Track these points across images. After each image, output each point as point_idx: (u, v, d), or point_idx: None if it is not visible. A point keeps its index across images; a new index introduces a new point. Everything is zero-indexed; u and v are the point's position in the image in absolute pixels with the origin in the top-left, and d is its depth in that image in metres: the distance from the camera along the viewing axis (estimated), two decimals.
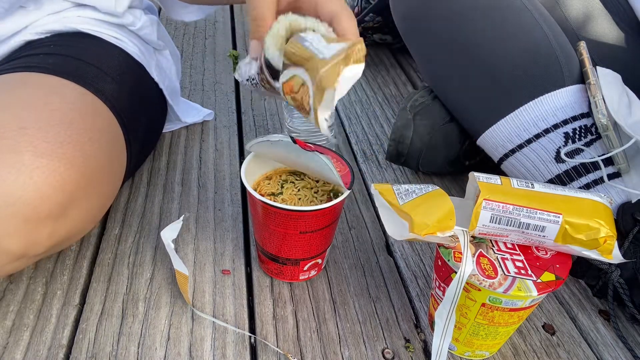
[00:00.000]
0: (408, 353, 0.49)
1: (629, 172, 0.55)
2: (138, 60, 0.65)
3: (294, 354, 0.48)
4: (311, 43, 0.36)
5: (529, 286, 0.40)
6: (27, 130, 0.44)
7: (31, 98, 0.48)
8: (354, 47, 0.35)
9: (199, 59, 1.04)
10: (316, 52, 0.35)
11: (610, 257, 0.42)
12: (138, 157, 0.66)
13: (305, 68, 0.36)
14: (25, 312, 0.51)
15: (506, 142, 0.60)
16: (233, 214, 0.64)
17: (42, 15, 0.60)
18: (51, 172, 0.44)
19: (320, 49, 0.36)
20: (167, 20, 1.22)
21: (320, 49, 0.35)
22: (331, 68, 0.34)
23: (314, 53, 0.35)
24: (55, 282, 0.54)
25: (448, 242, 0.42)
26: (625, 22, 0.68)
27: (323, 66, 0.34)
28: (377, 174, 0.74)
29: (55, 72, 0.53)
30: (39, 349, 0.47)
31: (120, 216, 0.63)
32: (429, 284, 0.57)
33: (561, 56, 0.58)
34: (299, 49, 0.36)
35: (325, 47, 0.36)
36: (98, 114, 0.53)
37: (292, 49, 0.37)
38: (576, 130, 0.56)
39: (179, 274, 0.53)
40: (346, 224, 0.64)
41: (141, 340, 0.49)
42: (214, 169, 0.72)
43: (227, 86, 0.94)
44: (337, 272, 0.57)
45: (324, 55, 0.35)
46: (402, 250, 0.61)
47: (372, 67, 1.02)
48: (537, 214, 0.41)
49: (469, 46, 0.60)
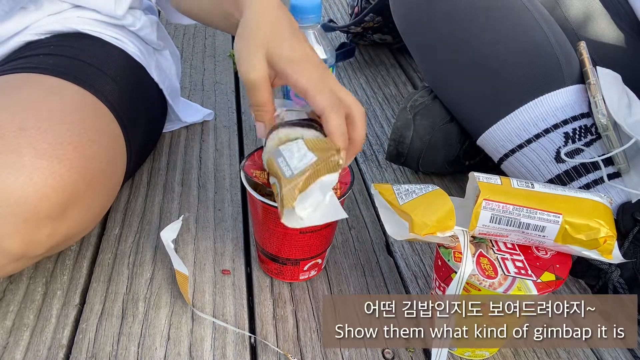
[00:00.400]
0: (408, 353, 0.49)
1: (629, 172, 0.55)
2: (138, 60, 0.65)
3: (294, 354, 0.48)
4: (284, 159, 0.41)
5: (529, 286, 0.40)
6: (27, 131, 0.44)
7: (31, 99, 0.48)
8: (326, 160, 0.39)
9: (199, 59, 1.04)
10: (284, 169, 0.40)
11: (610, 257, 0.42)
12: (138, 157, 0.66)
13: (277, 182, 0.41)
14: (25, 312, 0.51)
15: (506, 142, 0.60)
16: (233, 214, 0.64)
17: (42, 15, 0.60)
18: (51, 173, 0.44)
19: (291, 164, 0.40)
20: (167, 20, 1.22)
21: (291, 165, 0.40)
22: (290, 190, 0.39)
23: (282, 171, 0.40)
24: (55, 282, 0.54)
25: (448, 242, 0.42)
26: (625, 22, 0.68)
27: (284, 186, 0.39)
28: (377, 174, 0.74)
29: (55, 72, 0.53)
30: (39, 349, 0.47)
31: (120, 216, 0.63)
32: (429, 284, 0.57)
33: (561, 56, 0.58)
34: (272, 166, 0.41)
35: (299, 160, 0.40)
36: (98, 114, 0.53)
37: (268, 166, 0.42)
38: (576, 130, 0.56)
39: (179, 274, 0.53)
40: (346, 224, 0.64)
41: (141, 340, 0.49)
42: (214, 169, 0.72)
43: (227, 86, 0.94)
44: (337, 272, 0.57)
45: (290, 173, 0.39)
46: (402, 250, 0.61)
47: (372, 67, 1.02)
48: (537, 214, 0.41)
49: (469, 46, 0.60)
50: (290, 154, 0.41)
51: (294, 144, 0.42)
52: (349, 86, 0.95)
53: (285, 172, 0.40)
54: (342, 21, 1.20)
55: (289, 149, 0.41)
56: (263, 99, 0.44)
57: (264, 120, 0.46)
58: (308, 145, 0.41)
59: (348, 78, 0.98)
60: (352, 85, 0.96)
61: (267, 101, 0.45)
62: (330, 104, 0.43)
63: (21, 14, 0.59)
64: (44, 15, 0.60)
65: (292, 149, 0.41)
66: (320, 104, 0.43)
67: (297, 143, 0.42)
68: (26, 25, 0.60)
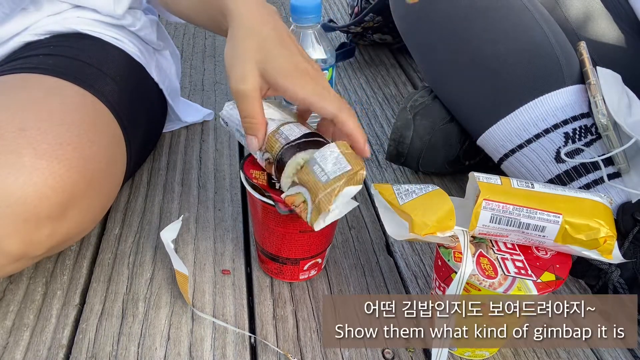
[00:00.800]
0: (408, 353, 0.49)
1: (629, 172, 0.55)
2: (138, 60, 0.65)
3: (294, 354, 0.48)
4: (319, 165, 0.42)
5: (529, 286, 0.40)
6: (26, 131, 0.44)
7: (31, 99, 0.48)
8: (356, 173, 0.42)
9: (199, 59, 1.04)
10: (320, 175, 0.42)
11: (610, 257, 0.42)
12: (138, 157, 0.66)
13: (308, 188, 0.42)
14: (25, 312, 0.51)
15: (506, 142, 0.60)
16: (233, 214, 0.64)
17: (42, 16, 0.60)
18: (51, 173, 0.44)
19: (326, 168, 0.42)
20: (167, 20, 1.22)
21: (326, 169, 0.42)
22: (328, 194, 0.41)
23: (318, 177, 0.42)
24: (55, 282, 0.54)
25: (448, 242, 0.42)
26: (625, 22, 0.68)
27: (323, 191, 0.41)
28: (377, 174, 0.74)
29: (55, 72, 0.53)
30: (39, 349, 0.47)
31: (120, 216, 0.63)
32: (429, 284, 0.57)
33: (561, 56, 0.58)
34: (307, 174, 0.43)
35: (333, 164, 0.42)
36: (98, 114, 0.53)
37: (303, 175, 0.43)
38: (576, 130, 0.56)
39: (179, 274, 0.53)
40: (346, 224, 0.64)
41: (141, 340, 0.49)
42: (214, 169, 0.72)
43: (227, 86, 0.94)
44: (337, 272, 0.57)
45: (326, 178, 0.41)
46: (402, 250, 0.61)
47: (372, 67, 1.02)
48: (537, 214, 0.41)
49: (469, 46, 0.60)
50: (324, 158, 0.42)
51: (326, 148, 0.43)
52: (349, 86, 0.95)
53: (321, 178, 0.41)
54: (342, 21, 1.20)
55: (323, 154, 0.43)
56: (254, 110, 0.44)
57: (255, 133, 0.45)
58: (340, 150, 0.43)
59: (348, 78, 0.98)
60: (352, 85, 0.96)
61: (258, 113, 0.44)
62: (338, 107, 0.44)
63: (21, 15, 0.59)
64: (43, 15, 0.60)
65: (325, 154, 0.43)
66: (329, 110, 0.44)
67: (330, 147, 0.43)
68: (26, 26, 0.60)
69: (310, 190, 0.42)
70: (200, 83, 0.95)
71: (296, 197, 0.43)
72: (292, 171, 0.44)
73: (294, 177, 0.44)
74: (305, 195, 0.42)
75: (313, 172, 0.42)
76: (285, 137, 0.45)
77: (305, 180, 0.42)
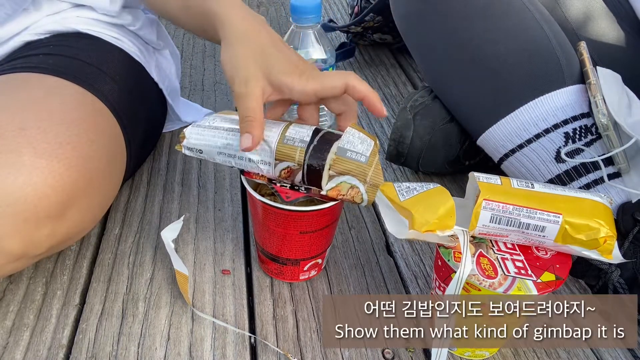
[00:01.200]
0: (408, 353, 0.49)
1: (629, 172, 0.55)
2: (138, 60, 0.65)
3: (294, 354, 0.48)
4: (351, 150, 0.44)
5: (529, 286, 0.40)
6: (26, 131, 0.44)
7: (31, 98, 0.48)
8: (376, 143, 0.46)
9: (199, 59, 1.04)
10: (359, 158, 0.44)
11: (610, 257, 0.42)
12: (138, 157, 0.66)
13: (353, 174, 0.44)
14: (25, 312, 0.51)
15: (506, 142, 0.60)
16: (233, 214, 0.64)
17: (42, 16, 0.60)
18: (50, 173, 0.44)
19: (358, 149, 0.44)
20: None
21: (359, 150, 0.44)
22: (375, 169, 0.45)
23: (358, 160, 0.44)
24: (55, 282, 0.54)
25: (448, 242, 0.42)
26: (626, 22, 0.68)
27: (369, 169, 0.44)
28: None
29: (55, 72, 0.53)
30: (39, 349, 0.47)
31: (120, 216, 0.63)
32: (429, 284, 0.57)
33: (561, 56, 0.58)
34: (345, 162, 0.44)
35: (361, 143, 0.45)
36: (98, 114, 0.53)
37: (340, 166, 0.44)
38: (576, 130, 0.56)
39: (179, 274, 0.53)
40: (346, 224, 0.64)
41: (141, 340, 0.49)
42: (214, 169, 0.72)
43: (227, 86, 0.94)
44: (337, 272, 0.57)
45: (365, 158, 0.44)
46: (402, 250, 0.61)
47: (372, 67, 1.02)
48: (537, 214, 0.41)
49: (468, 46, 0.60)
50: (351, 142, 0.45)
51: (348, 134, 0.45)
52: None
53: (361, 159, 0.44)
54: (342, 21, 1.20)
55: (348, 140, 0.45)
56: (255, 107, 0.44)
57: (251, 130, 0.44)
58: (356, 129, 0.46)
59: None
60: None
61: (259, 110, 0.44)
62: (343, 76, 0.46)
63: (22, 15, 0.59)
64: (43, 15, 0.60)
65: (349, 138, 0.45)
66: (339, 83, 0.45)
67: (350, 132, 0.45)
68: (26, 26, 0.60)
69: (356, 175, 0.44)
70: (200, 83, 0.95)
71: (341, 186, 0.45)
72: (328, 167, 0.45)
73: (330, 171, 0.45)
74: (351, 181, 0.45)
75: (349, 158, 0.44)
76: (301, 141, 0.45)
77: (346, 168, 0.44)
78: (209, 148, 0.48)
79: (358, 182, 0.44)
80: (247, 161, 0.47)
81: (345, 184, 0.45)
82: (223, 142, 0.47)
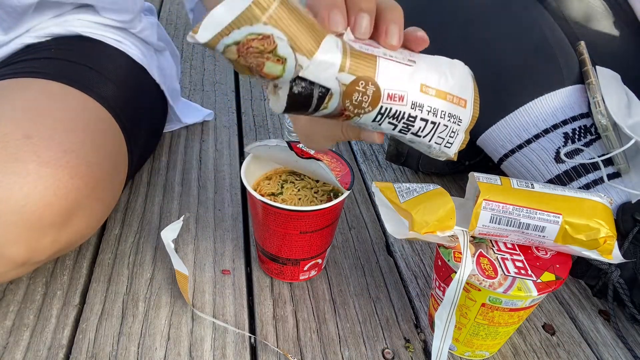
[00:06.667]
0: (408, 353, 0.49)
1: (629, 173, 0.55)
2: (139, 62, 0.65)
3: (294, 354, 0.48)
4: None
5: (529, 286, 0.40)
6: (31, 139, 0.44)
7: (34, 106, 0.48)
8: None
9: (199, 59, 1.04)
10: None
11: (610, 257, 0.42)
12: (139, 160, 0.66)
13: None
14: (25, 312, 0.51)
15: (506, 142, 0.60)
16: (233, 214, 0.64)
17: (44, 19, 0.60)
18: (55, 181, 0.44)
19: None
20: (167, 20, 1.22)
21: None
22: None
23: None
24: (55, 282, 0.54)
25: (448, 242, 0.42)
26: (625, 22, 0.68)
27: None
28: (377, 174, 0.74)
29: (57, 77, 0.53)
30: (39, 349, 0.47)
31: (120, 216, 0.63)
32: (429, 284, 0.57)
33: (561, 56, 0.58)
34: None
35: None
36: (100, 121, 0.53)
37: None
38: (576, 131, 0.56)
39: (179, 274, 0.53)
40: (346, 224, 0.64)
41: (141, 340, 0.49)
42: (214, 169, 0.72)
43: (227, 86, 0.94)
44: (337, 272, 0.57)
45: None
46: (402, 250, 0.61)
47: None
48: (537, 214, 0.41)
49: (468, 46, 0.60)
50: None
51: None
52: None
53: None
54: None
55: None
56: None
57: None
58: None
59: None
60: None
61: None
62: None
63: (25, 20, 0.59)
64: (45, 18, 0.60)
65: None
66: None
67: None
68: (27, 29, 0.60)
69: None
70: (200, 83, 0.95)
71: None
72: None
73: None
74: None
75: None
76: None
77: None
78: None
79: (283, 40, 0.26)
80: None
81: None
82: None
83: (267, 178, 0.55)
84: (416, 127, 0.32)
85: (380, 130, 0.32)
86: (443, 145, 0.34)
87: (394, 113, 0.31)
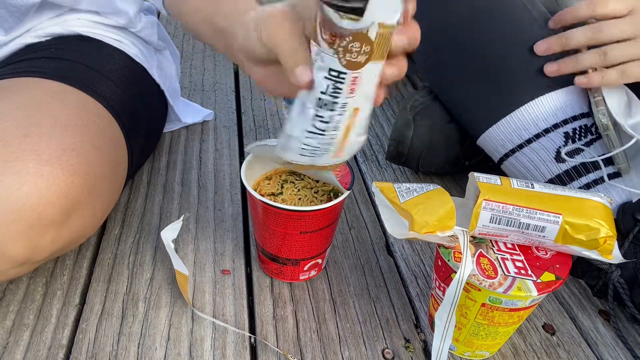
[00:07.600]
0: (408, 353, 0.49)
1: (629, 172, 0.55)
2: (139, 62, 0.65)
3: (294, 354, 0.48)
4: None
5: (529, 286, 0.40)
6: (31, 138, 0.44)
7: (34, 105, 0.48)
8: None
9: (199, 59, 1.04)
10: None
11: (610, 257, 0.42)
12: (139, 160, 0.66)
13: None
14: (25, 312, 0.51)
15: (506, 142, 0.60)
16: (233, 214, 0.64)
17: (43, 19, 0.60)
18: (55, 180, 0.44)
19: None
20: (167, 20, 1.22)
21: None
22: None
23: None
24: (55, 282, 0.54)
25: (448, 242, 0.42)
26: None
27: None
28: (377, 174, 0.74)
29: (57, 77, 0.53)
30: (39, 349, 0.47)
31: (120, 216, 0.63)
32: (429, 284, 0.57)
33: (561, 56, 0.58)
34: None
35: None
36: (100, 119, 0.53)
37: None
38: (576, 130, 0.56)
39: (179, 274, 0.53)
40: (346, 224, 0.64)
41: (141, 340, 0.49)
42: (214, 169, 0.72)
43: (227, 86, 0.94)
44: (337, 272, 0.57)
45: None
46: (402, 250, 0.61)
47: None
48: (537, 214, 0.41)
49: (468, 46, 0.60)
50: None
51: None
52: None
53: None
54: None
55: None
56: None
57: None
58: None
59: None
60: None
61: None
62: None
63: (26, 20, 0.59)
64: (44, 18, 0.60)
65: None
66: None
67: None
68: (27, 29, 0.60)
69: None
70: (200, 83, 0.95)
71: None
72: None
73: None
74: None
75: None
76: None
77: None
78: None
79: None
80: None
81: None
82: None
83: (267, 178, 0.55)
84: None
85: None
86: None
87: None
